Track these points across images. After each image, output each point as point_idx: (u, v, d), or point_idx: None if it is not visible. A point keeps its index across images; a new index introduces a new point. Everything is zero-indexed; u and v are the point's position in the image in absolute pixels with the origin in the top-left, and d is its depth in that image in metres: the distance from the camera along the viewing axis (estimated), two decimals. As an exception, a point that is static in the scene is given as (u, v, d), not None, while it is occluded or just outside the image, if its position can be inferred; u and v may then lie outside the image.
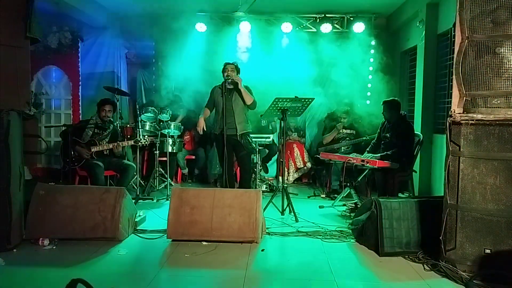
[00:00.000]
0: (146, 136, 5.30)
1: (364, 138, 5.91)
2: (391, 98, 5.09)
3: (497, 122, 2.85)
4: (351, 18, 6.84)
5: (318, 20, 6.89)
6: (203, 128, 4.99)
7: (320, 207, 5.13)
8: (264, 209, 4.30)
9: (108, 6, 6.72)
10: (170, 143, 5.75)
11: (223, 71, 4.91)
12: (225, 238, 3.65)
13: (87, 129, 5.05)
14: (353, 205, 4.87)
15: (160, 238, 3.81)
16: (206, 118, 5.13)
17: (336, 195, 5.44)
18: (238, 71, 4.96)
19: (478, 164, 2.93)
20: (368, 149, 5.27)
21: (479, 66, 2.91)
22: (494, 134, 2.88)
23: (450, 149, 3.02)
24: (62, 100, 7.41)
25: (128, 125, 6.07)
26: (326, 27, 6.78)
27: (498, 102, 2.87)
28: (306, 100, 4.77)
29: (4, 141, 3.33)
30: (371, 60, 7.00)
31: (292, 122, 6.83)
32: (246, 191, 4.05)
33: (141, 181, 5.94)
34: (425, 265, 3.20)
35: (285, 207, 4.70)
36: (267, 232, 3.98)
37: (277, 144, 6.28)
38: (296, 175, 6.71)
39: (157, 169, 5.77)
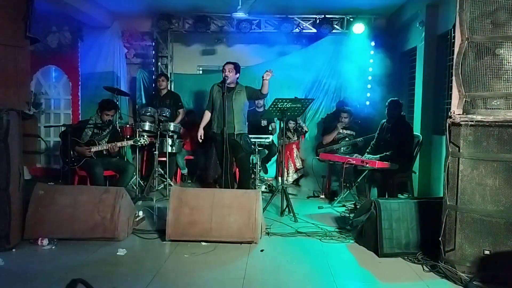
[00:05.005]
0: (145, 136, 5.30)
1: (360, 139, 5.91)
2: (396, 98, 5.11)
3: (496, 123, 2.85)
4: (351, 19, 6.84)
5: (318, 21, 6.89)
6: (201, 136, 5.08)
7: (320, 207, 5.14)
8: (264, 210, 4.30)
9: (108, 5, 6.73)
10: (170, 143, 5.75)
11: (222, 70, 4.92)
12: (225, 238, 3.65)
13: (86, 129, 5.04)
14: (353, 206, 4.87)
15: (159, 239, 3.81)
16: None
17: (335, 196, 5.44)
18: (237, 71, 4.97)
19: (478, 165, 2.93)
20: (367, 150, 5.28)
21: (479, 67, 2.91)
22: (494, 135, 2.88)
23: (450, 150, 3.02)
24: (61, 100, 7.41)
25: (127, 125, 6.07)
26: (325, 28, 6.77)
27: (498, 103, 2.88)
28: (306, 100, 4.77)
29: (4, 140, 3.33)
30: (371, 61, 7.01)
31: (291, 123, 6.81)
32: (246, 191, 4.06)
33: (141, 181, 5.94)
34: (424, 266, 3.20)
35: (284, 207, 4.70)
36: (266, 233, 3.98)
37: (277, 145, 6.28)
38: (295, 176, 6.71)
39: (157, 169, 5.76)
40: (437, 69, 5.66)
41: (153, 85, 7.04)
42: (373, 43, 6.96)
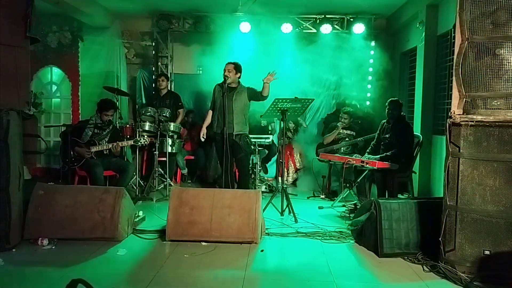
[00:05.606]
0: (145, 136, 5.30)
1: (360, 139, 5.90)
2: (396, 98, 5.11)
3: (496, 124, 2.85)
4: (351, 19, 6.83)
5: (318, 21, 6.88)
6: (203, 135, 5.11)
7: (320, 207, 5.13)
8: (264, 210, 4.30)
9: (108, 5, 6.73)
10: (170, 143, 5.75)
11: (224, 70, 4.93)
12: (225, 238, 3.65)
13: (86, 129, 5.04)
14: (353, 206, 4.87)
15: (159, 239, 3.81)
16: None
17: (335, 196, 5.43)
18: (238, 71, 4.98)
19: (478, 165, 2.93)
20: (368, 150, 5.27)
21: (479, 67, 2.92)
22: (494, 135, 2.88)
23: (450, 150, 3.02)
24: (61, 100, 7.41)
25: (127, 125, 6.07)
26: (326, 28, 6.77)
27: (498, 103, 2.88)
28: (306, 100, 4.77)
29: (4, 140, 3.33)
30: (371, 61, 7.01)
31: (291, 124, 6.80)
32: (246, 191, 4.06)
33: (141, 181, 5.93)
34: (424, 266, 3.20)
35: (284, 207, 4.69)
36: (266, 233, 3.98)
37: (277, 145, 6.28)
38: (295, 176, 6.71)
39: (157, 169, 5.76)
40: (437, 69, 5.66)
41: (153, 85, 7.03)
42: (373, 43, 6.96)
